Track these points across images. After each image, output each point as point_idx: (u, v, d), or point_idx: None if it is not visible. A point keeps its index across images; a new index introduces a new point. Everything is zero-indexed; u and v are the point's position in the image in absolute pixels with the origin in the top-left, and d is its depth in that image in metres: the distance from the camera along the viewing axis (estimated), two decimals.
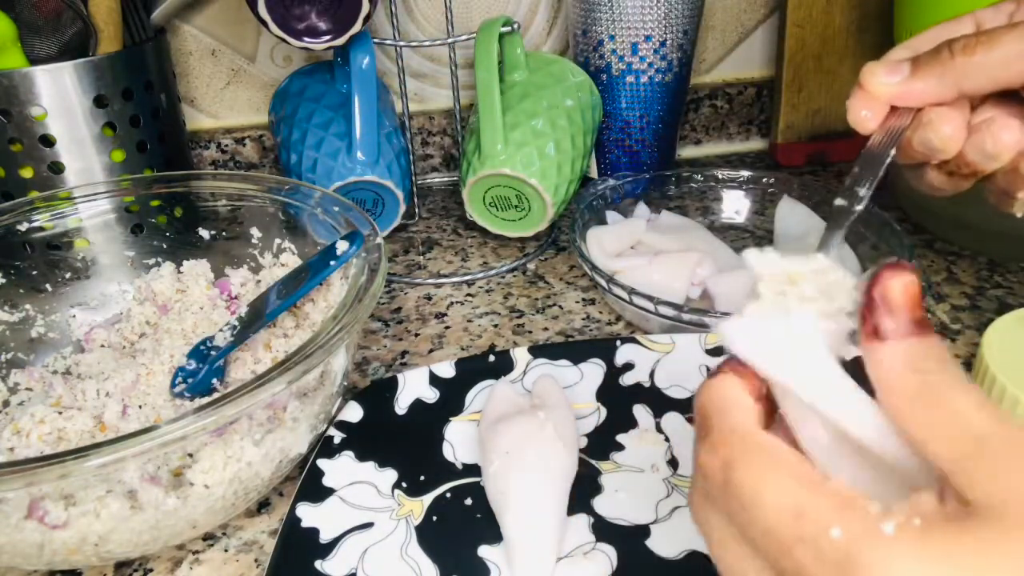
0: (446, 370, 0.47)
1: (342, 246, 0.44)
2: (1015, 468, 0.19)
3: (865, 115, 0.33)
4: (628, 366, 0.47)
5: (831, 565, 0.19)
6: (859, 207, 0.30)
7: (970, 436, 0.20)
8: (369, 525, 0.38)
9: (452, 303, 0.59)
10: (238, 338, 0.44)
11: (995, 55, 0.30)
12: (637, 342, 0.48)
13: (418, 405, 0.45)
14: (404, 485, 0.41)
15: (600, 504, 0.39)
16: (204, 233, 0.53)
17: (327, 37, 0.54)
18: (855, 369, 0.23)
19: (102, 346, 0.50)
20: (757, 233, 0.65)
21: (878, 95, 0.32)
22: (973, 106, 0.33)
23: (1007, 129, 0.31)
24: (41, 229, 0.50)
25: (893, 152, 0.32)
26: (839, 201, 0.31)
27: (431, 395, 0.46)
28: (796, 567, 0.20)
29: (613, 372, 0.47)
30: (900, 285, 0.22)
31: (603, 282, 0.52)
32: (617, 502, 0.39)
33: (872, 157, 0.32)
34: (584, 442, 0.43)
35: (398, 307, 0.59)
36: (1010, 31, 0.30)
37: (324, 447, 0.41)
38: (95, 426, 0.41)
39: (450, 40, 0.65)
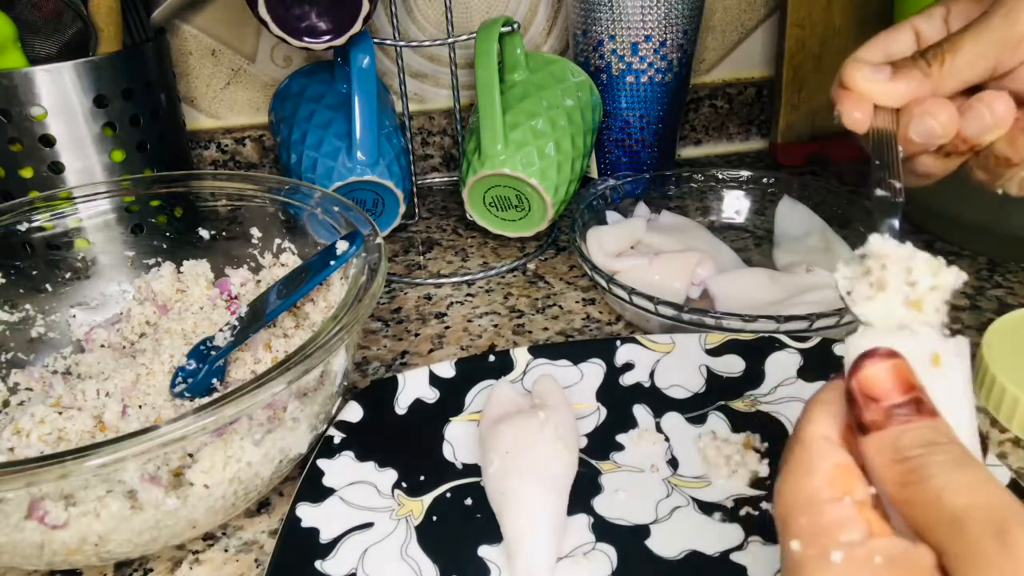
0: (446, 370, 0.47)
1: (342, 246, 0.44)
2: (982, 555, 0.20)
3: (858, 116, 0.35)
4: (628, 366, 0.47)
5: (790, 569, 0.22)
6: (901, 198, 0.32)
7: (947, 519, 0.21)
8: (369, 525, 0.38)
9: (452, 303, 0.59)
10: (238, 338, 0.44)
11: (960, 61, 0.34)
12: (637, 342, 0.48)
13: (418, 405, 0.45)
14: (404, 485, 0.41)
15: (600, 504, 0.39)
16: (204, 233, 0.53)
17: (327, 37, 0.54)
18: None
19: (102, 346, 0.50)
20: (757, 233, 0.65)
21: (865, 93, 0.35)
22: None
23: (999, 100, 0.34)
24: (41, 229, 0.50)
25: (897, 143, 0.34)
26: (881, 192, 0.32)
27: (431, 395, 0.46)
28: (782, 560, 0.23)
29: (613, 372, 0.47)
30: (876, 373, 0.23)
31: (603, 282, 0.52)
32: (617, 502, 0.39)
33: (882, 150, 0.34)
34: (584, 442, 0.43)
35: (398, 307, 0.59)
36: (965, 38, 0.34)
37: (324, 447, 0.41)
38: (95, 426, 0.41)
39: (450, 40, 0.65)
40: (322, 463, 0.41)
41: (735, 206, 0.67)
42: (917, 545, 0.21)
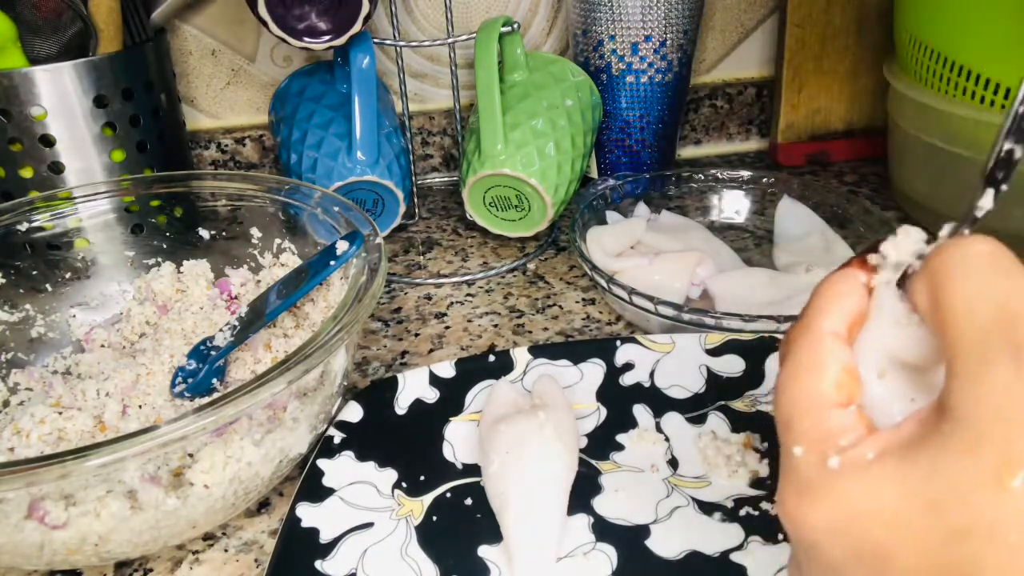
0: (446, 370, 0.47)
1: (342, 246, 0.44)
2: (1002, 374, 0.19)
3: None
4: (628, 366, 0.47)
5: (789, 471, 0.22)
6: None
7: (990, 312, 0.20)
8: (369, 525, 0.38)
9: (452, 303, 0.59)
10: (238, 338, 0.44)
11: None
12: (637, 342, 0.48)
13: (418, 405, 0.45)
14: (404, 485, 0.41)
15: (600, 504, 0.39)
16: (204, 233, 0.53)
17: (327, 37, 0.54)
18: None
19: (102, 346, 0.50)
20: (757, 233, 0.65)
21: None
22: None
23: None
24: (41, 229, 0.50)
25: None
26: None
27: (431, 395, 0.46)
28: (783, 458, 0.23)
29: (613, 372, 0.47)
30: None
31: (603, 282, 0.52)
32: (617, 502, 0.39)
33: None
34: (584, 442, 0.43)
35: (398, 307, 0.59)
36: None
37: (324, 447, 0.41)
38: (95, 426, 0.41)
39: (450, 40, 0.65)
40: (322, 463, 0.41)
41: (735, 206, 0.67)
42: (897, 426, 0.21)
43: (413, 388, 0.46)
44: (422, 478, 0.41)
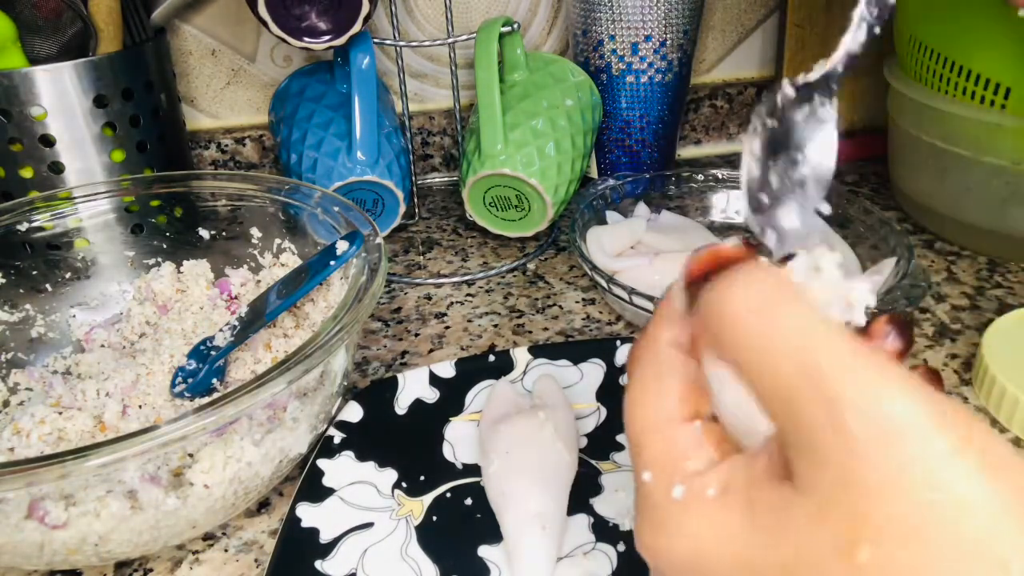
0: (446, 370, 0.47)
1: (342, 246, 0.44)
2: (817, 444, 0.18)
3: None
4: None
5: (640, 500, 0.22)
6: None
7: (781, 395, 0.19)
8: (369, 525, 0.38)
9: (452, 303, 0.59)
10: (238, 338, 0.44)
11: None
12: None
13: (418, 405, 0.45)
14: (404, 485, 0.41)
15: (600, 504, 0.39)
16: (204, 233, 0.53)
17: (327, 37, 0.54)
18: None
19: (102, 346, 0.50)
20: None
21: None
22: None
23: None
24: (41, 229, 0.50)
25: None
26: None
27: (431, 395, 0.46)
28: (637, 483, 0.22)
29: (613, 372, 0.47)
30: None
31: (603, 282, 0.52)
32: (617, 502, 0.39)
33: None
34: (584, 442, 0.43)
35: (398, 307, 0.59)
36: None
37: (324, 447, 0.41)
38: (95, 426, 0.41)
39: (450, 40, 0.65)
40: (322, 463, 0.41)
41: (735, 206, 0.67)
42: (750, 457, 0.21)
43: (413, 388, 0.46)
44: (422, 478, 0.41)
